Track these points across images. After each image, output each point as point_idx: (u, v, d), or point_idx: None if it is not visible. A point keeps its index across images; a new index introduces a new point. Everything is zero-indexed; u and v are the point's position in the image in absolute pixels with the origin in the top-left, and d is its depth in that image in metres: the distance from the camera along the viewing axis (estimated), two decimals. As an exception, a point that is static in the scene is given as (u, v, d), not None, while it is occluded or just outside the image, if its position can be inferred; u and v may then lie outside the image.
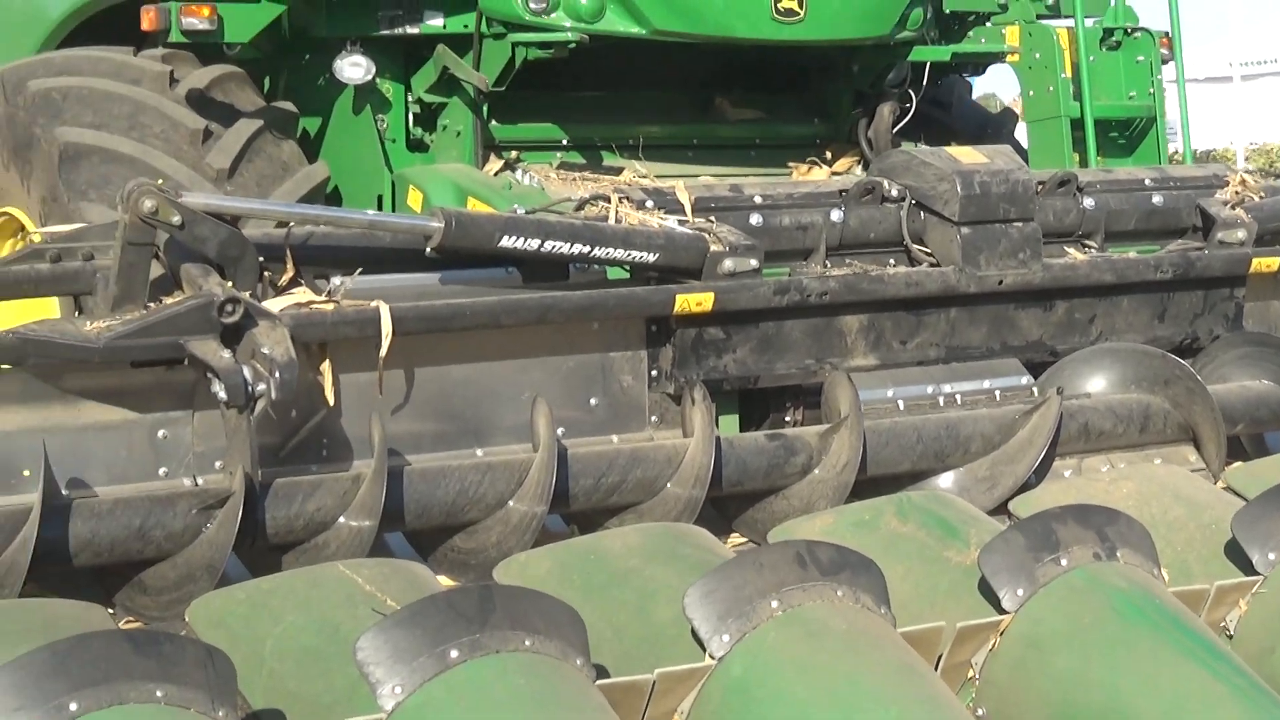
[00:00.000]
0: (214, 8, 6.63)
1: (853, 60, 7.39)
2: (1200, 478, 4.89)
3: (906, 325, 5.03)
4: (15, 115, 6.75)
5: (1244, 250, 5.43)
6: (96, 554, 3.98)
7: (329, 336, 4.26)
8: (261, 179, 6.43)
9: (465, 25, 6.79)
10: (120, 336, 4.05)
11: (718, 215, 4.91)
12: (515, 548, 4.21)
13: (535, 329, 4.62)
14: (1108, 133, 7.67)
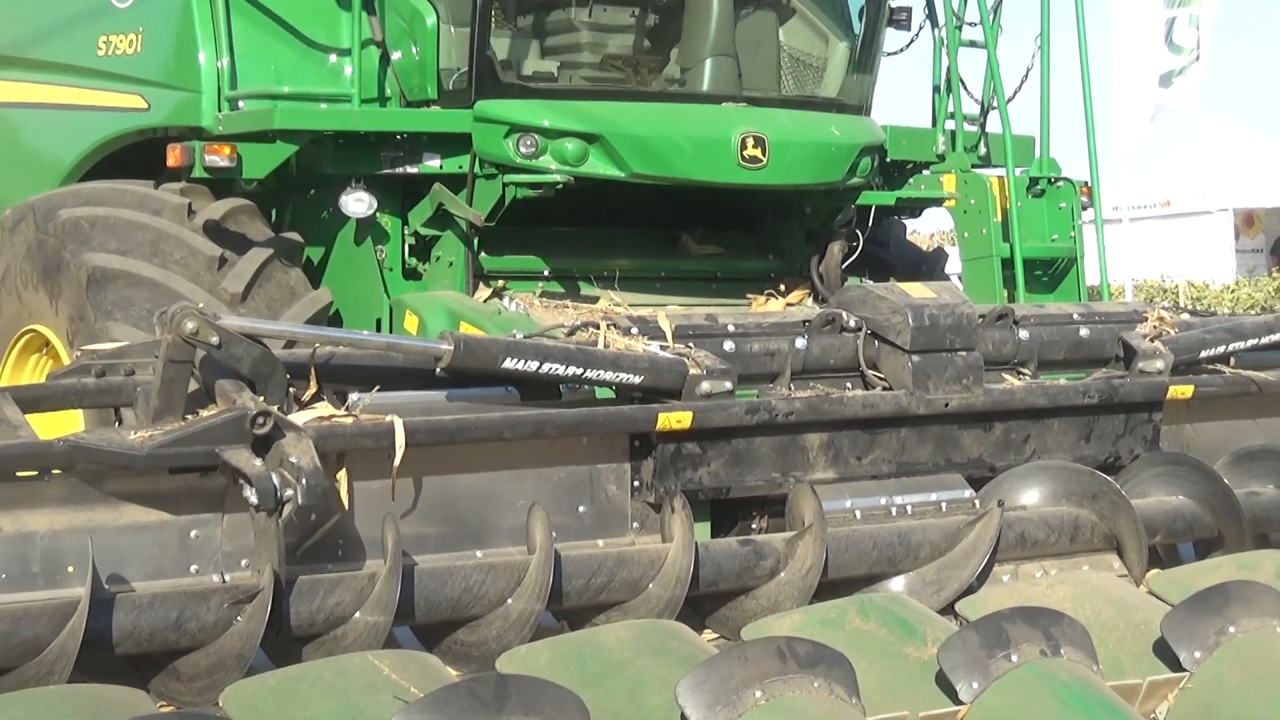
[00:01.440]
0: (234, 147, 6.68)
1: (807, 203, 7.43)
2: (1126, 583, 4.94)
3: (862, 443, 5.06)
4: (45, 241, 6.76)
5: (1161, 379, 5.47)
6: (137, 643, 3.97)
7: (348, 447, 4.28)
8: (271, 303, 6.44)
9: (460, 166, 6.82)
10: (161, 445, 4.06)
11: (695, 341, 4.94)
12: (515, 641, 4.22)
13: (531, 442, 4.63)
14: (1034, 271, 7.70)
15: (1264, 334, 5.82)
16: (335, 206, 6.84)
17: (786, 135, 6.93)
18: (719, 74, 7.11)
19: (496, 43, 6.87)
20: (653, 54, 7.26)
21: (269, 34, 7.00)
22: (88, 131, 7.54)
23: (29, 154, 7.99)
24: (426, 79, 6.95)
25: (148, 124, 7.22)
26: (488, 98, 6.76)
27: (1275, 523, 5.37)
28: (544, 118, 6.69)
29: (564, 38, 7.13)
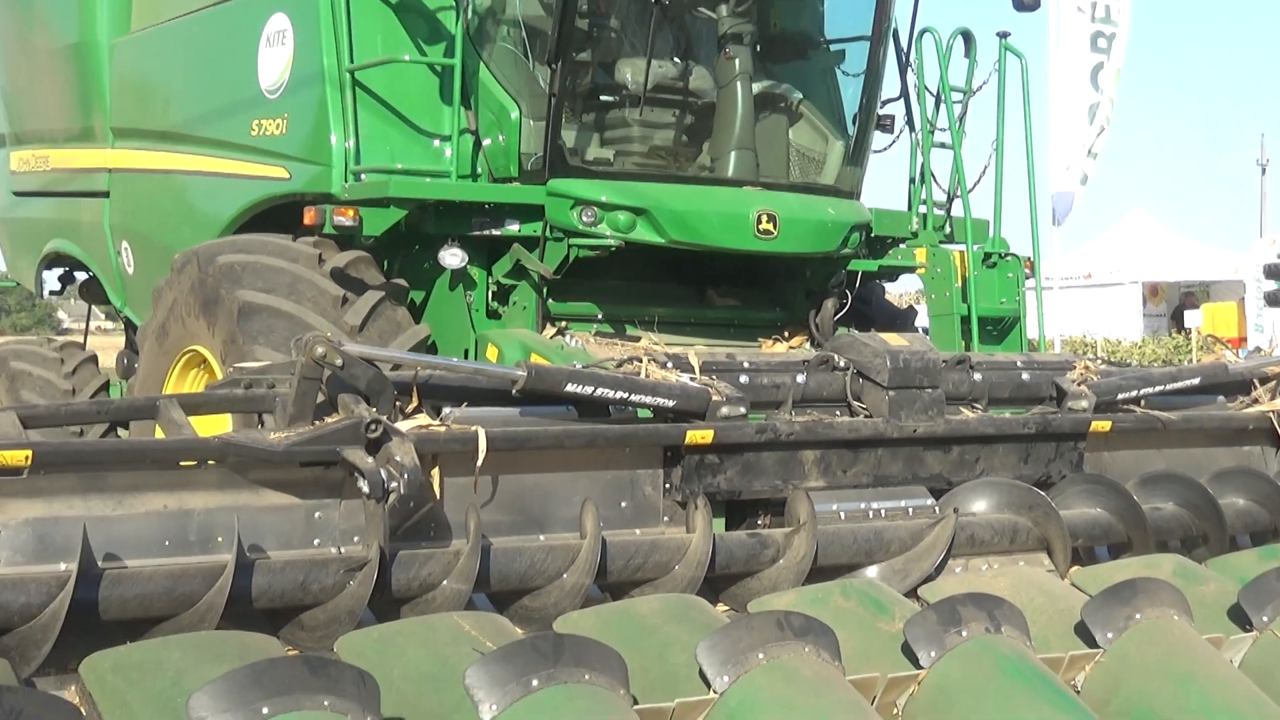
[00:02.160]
0: (356, 210, 6.70)
1: (807, 268, 7.41)
2: (1054, 577, 4.92)
3: (847, 459, 5.04)
4: (206, 280, 6.79)
5: (1085, 415, 5.44)
6: (270, 600, 3.98)
7: (441, 450, 4.29)
8: (382, 334, 6.47)
9: (534, 230, 6.83)
10: (294, 444, 4.09)
11: (717, 374, 4.94)
12: (568, 607, 4.21)
13: (585, 451, 4.64)
14: (986, 326, 7.66)
15: (1167, 382, 5.80)
16: (435, 259, 6.84)
17: (793, 213, 6.92)
18: (741, 163, 7.09)
19: (566, 134, 6.88)
20: (688, 146, 7.27)
21: (386, 122, 7.03)
22: (242, 195, 7.58)
23: (195, 211, 8.02)
24: (510, 160, 6.95)
25: (289, 190, 7.24)
26: (558, 177, 6.77)
27: (1173, 532, 5.34)
28: (602, 194, 6.69)
29: (618, 131, 7.14)
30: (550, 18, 6.83)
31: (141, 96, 8.73)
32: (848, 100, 7.64)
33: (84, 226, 9.34)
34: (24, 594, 3.73)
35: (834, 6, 7.80)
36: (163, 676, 3.47)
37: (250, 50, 7.50)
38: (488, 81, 7.04)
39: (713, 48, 7.24)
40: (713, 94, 7.20)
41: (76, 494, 3.97)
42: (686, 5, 7.07)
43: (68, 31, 9.26)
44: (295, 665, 3.25)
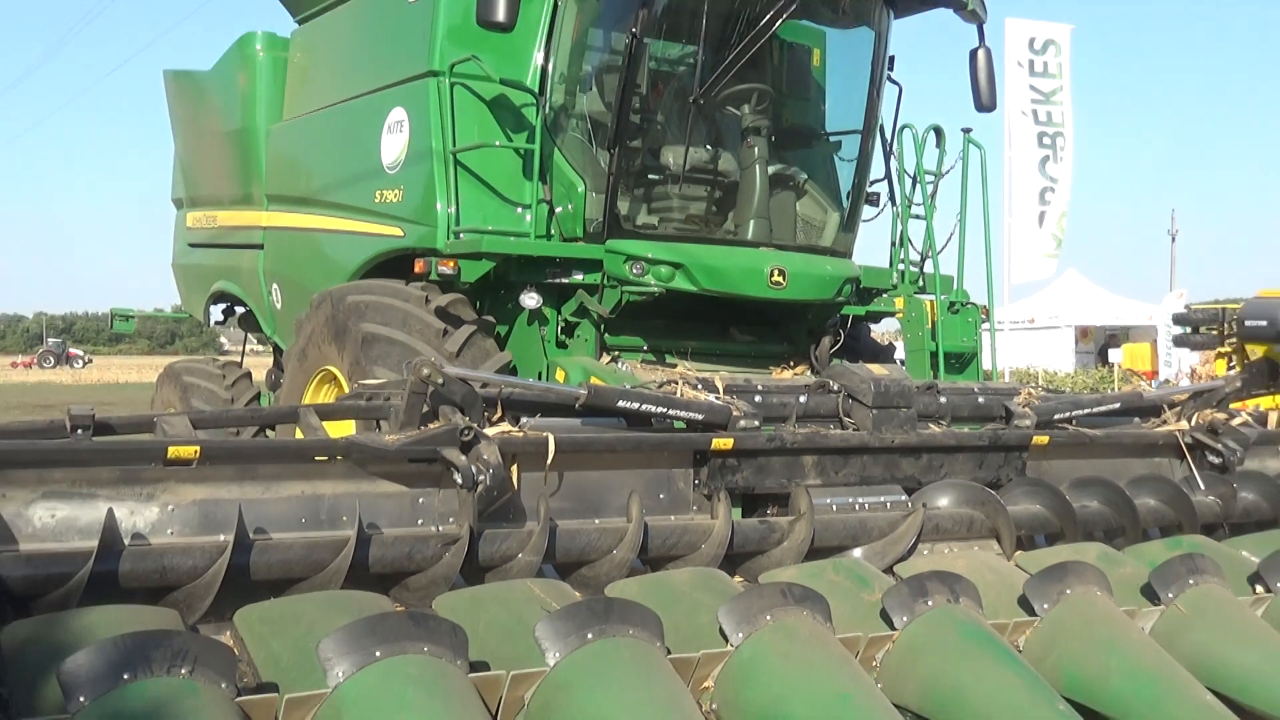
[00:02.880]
0: (456, 262, 6.75)
1: (809, 311, 7.40)
2: (1001, 559, 4.89)
3: (839, 463, 5.01)
4: (337, 315, 6.84)
5: (1028, 431, 5.40)
6: (383, 567, 4.00)
7: (519, 451, 4.29)
8: (474, 359, 6.49)
9: (595, 279, 6.86)
10: (404, 444, 4.11)
11: (737, 394, 4.94)
12: (617, 577, 4.22)
13: (632, 453, 4.64)
14: (950, 360, 7.66)
15: (1093, 406, 5.77)
16: (516, 301, 6.88)
17: (798, 269, 6.91)
18: (758, 229, 7.10)
19: (621, 204, 6.90)
20: (717, 214, 7.26)
21: (480, 193, 7.07)
22: (366, 248, 7.63)
23: (330, 260, 8.07)
24: (576, 224, 6.97)
25: (403, 246, 7.27)
26: (614, 238, 6.79)
27: (1097, 525, 5.30)
28: (648, 252, 6.71)
29: (662, 202, 7.15)
30: (610, 113, 6.86)
31: (290, 170, 8.82)
32: (842, 180, 7.65)
33: (243, 271, 9.43)
34: (191, 559, 3.76)
35: (832, 105, 7.81)
36: (298, 625, 3.49)
37: (375, 135, 7.56)
38: (560, 162, 7.06)
39: (736, 138, 7.24)
40: (736, 174, 7.20)
41: (233, 481, 4.01)
42: (716, 105, 7.07)
43: (234, 119, 9.37)
44: (402, 619, 3.26)
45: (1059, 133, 16.65)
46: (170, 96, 10.70)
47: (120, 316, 12.81)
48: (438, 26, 7.13)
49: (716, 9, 6.81)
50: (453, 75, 6.99)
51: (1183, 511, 5.43)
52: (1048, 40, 16.84)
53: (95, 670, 2.92)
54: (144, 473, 3.88)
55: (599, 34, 7.20)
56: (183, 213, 10.70)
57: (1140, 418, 6.01)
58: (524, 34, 6.92)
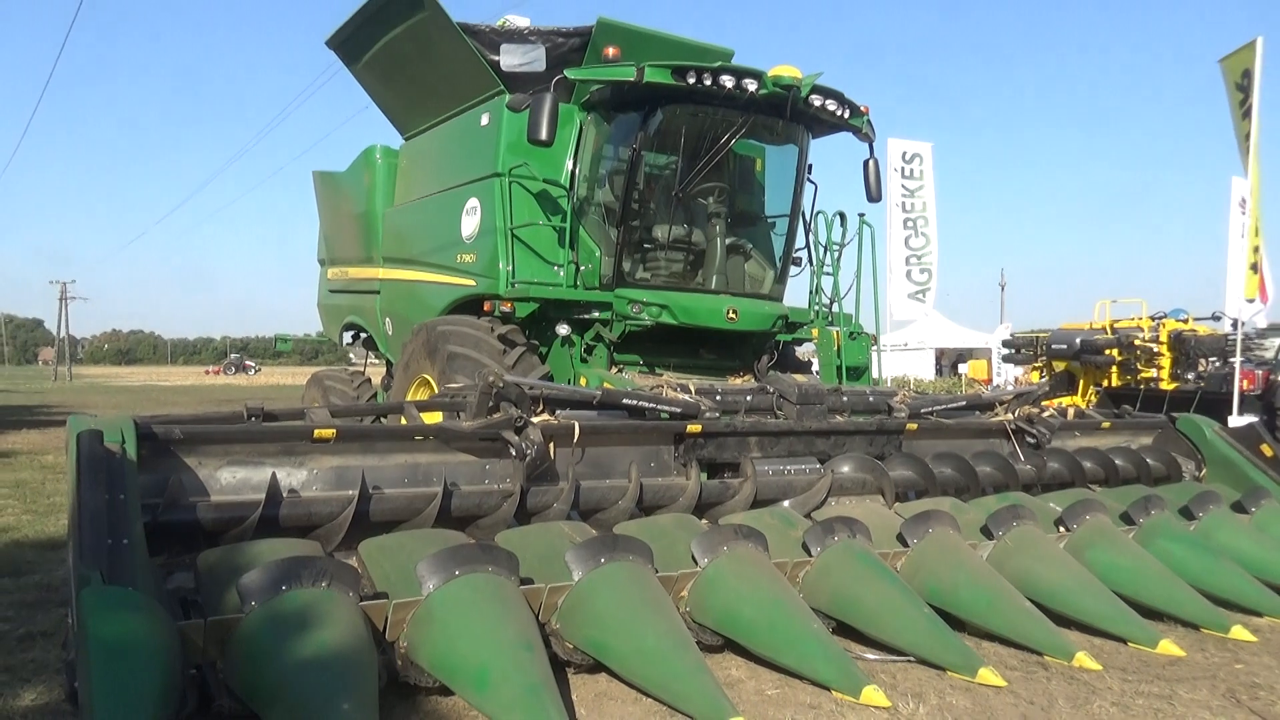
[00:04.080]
0: (512, 303, 6.73)
1: (754, 338, 7.35)
2: (885, 508, 4.90)
3: (773, 442, 5.02)
4: (430, 339, 6.79)
5: (903, 420, 5.42)
6: (462, 512, 4.01)
7: (555, 433, 4.30)
8: (525, 370, 6.41)
9: (607, 316, 6.82)
10: (476, 429, 4.13)
11: (704, 395, 4.95)
12: (621, 519, 4.23)
13: (632, 434, 4.65)
14: (850, 372, 7.59)
15: (948, 403, 5.78)
16: (553, 330, 6.87)
17: (746, 309, 6.89)
18: (719, 281, 7.07)
19: (625, 264, 6.87)
20: (690, 272, 7.22)
21: (529, 256, 7.03)
22: (450, 294, 7.57)
23: (425, 302, 8.01)
24: (595, 277, 6.93)
25: (475, 293, 7.21)
26: (620, 288, 6.77)
27: (950, 485, 5.31)
28: (644, 297, 6.68)
29: (653, 263, 7.11)
30: (618, 202, 6.84)
31: (398, 239, 8.79)
32: (776, 248, 7.60)
33: (366, 309, 9.40)
34: (329, 507, 3.76)
35: (770, 197, 7.79)
36: (402, 553, 3.49)
37: (457, 216, 7.54)
38: (583, 235, 7.03)
39: (704, 219, 7.20)
40: (704, 244, 7.17)
41: (359, 453, 4.01)
42: (691, 196, 7.05)
43: (360, 204, 9.35)
44: (474, 548, 3.26)
45: (921, 217, 16.77)
46: (317, 189, 10.69)
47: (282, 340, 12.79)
48: (501, 142, 7.11)
49: (691, 132, 6.79)
50: (510, 176, 6.98)
51: (1009, 476, 5.45)
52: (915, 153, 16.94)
53: (262, 583, 2.91)
54: (297, 447, 3.89)
55: (610, 147, 7.18)
56: (325, 269, 10.68)
57: (980, 411, 6.01)
58: (559, 147, 6.91)
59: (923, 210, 16.69)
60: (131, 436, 3.42)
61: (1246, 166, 11.45)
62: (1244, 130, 11.27)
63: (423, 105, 8.42)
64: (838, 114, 6.88)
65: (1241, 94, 11.26)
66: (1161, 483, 5.99)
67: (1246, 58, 11.22)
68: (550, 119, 6.27)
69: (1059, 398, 14.57)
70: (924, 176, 16.89)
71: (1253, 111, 11.08)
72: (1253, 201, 11.81)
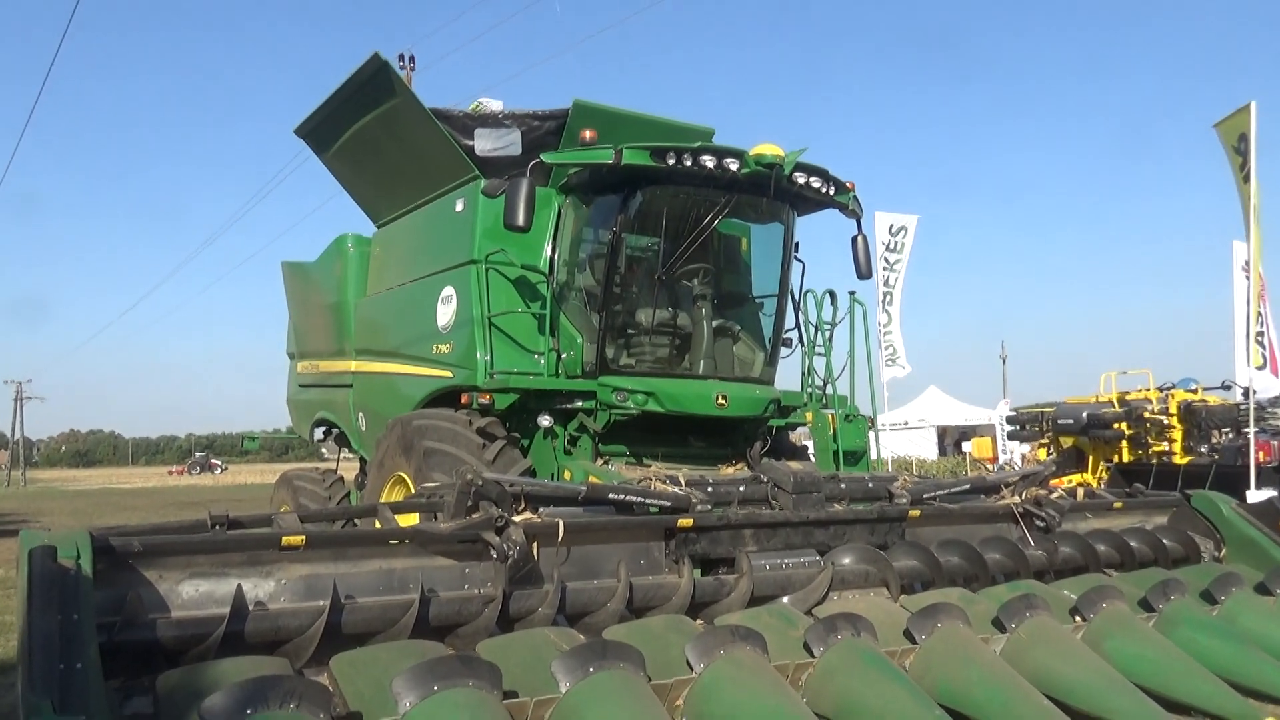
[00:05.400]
0: (491, 395, 6.72)
1: (745, 423, 7.33)
2: (890, 602, 4.83)
3: (769, 534, 4.94)
4: (405, 435, 6.78)
5: (905, 506, 5.37)
6: (440, 621, 3.91)
7: (538, 532, 4.23)
8: (505, 465, 6.40)
9: (590, 405, 6.83)
10: (454, 530, 4.06)
11: (694, 486, 4.90)
12: (610, 624, 4.12)
13: (619, 531, 4.58)
14: (847, 457, 7.61)
15: (951, 487, 5.75)
16: (534, 422, 6.85)
17: (736, 394, 6.90)
18: (706, 366, 7.10)
19: (608, 351, 6.89)
20: (677, 356, 7.25)
21: (508, 345, 7.06)
22: (426, 386, 7.57)
23: (399, 395, 8.02)
24: (577, 365, 6.95)
25: (453, 384, 7.23)
26: (604, 375, 6.79)
27: (958, 575, 5.24)
28: (628, 384, 6.69)
29: (637, 349, 7.14)
30: (599, 286, 6.90)
31: (371, 331, 8.83)
32: (765, 329, 7.66)
33: (338, 404, 9.39)
34: (298, 619, 3.69)
35: (756, 277, 7.88)
36: (376, 667, 3.41)
37: (432, 306, 7.59)
38: (564, 322, 7.08)
39: (689, 301, 7.27)
40: (689, 327, 7.21)
41: (330, 560, 3.95)
42: (675, 279, 7.13)
43: (331, 294, 9.42)
44: (453, 660, 3.19)
45: (891, 292, 17.17)
46: (286, 280, 10.77)
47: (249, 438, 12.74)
48: (476, 228, 7.22)
49: (673, 213, 6.89)
50: (487, 263, 7.05)
51: (1019, 563, 5.40)
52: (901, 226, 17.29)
53: (227, 708, 2.84)
54: (264, 555, 3.83)
55: (590, 231, 7.29)
56: (294, 362, 10.70)
57: (985, 494, 5.98)
58: (537, 232, 6.99)
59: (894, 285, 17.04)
60: (87, 551, 3.37)
61: (1248, 231, 11.68)
62: (1245, 194, 11.52)
63: (396, 192, 8.56)
64: (823, 191, 7.01)
65: (1240, 158, 11.55)
66: (1180, 565, 5.96)
67: (1242, 121, 11.54)
68: (527, 204, 6.37)
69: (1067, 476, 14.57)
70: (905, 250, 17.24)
71: (1251, 176, 11.34)
72: (1255, 267, 12.03)
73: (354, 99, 8.00)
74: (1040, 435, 16.63)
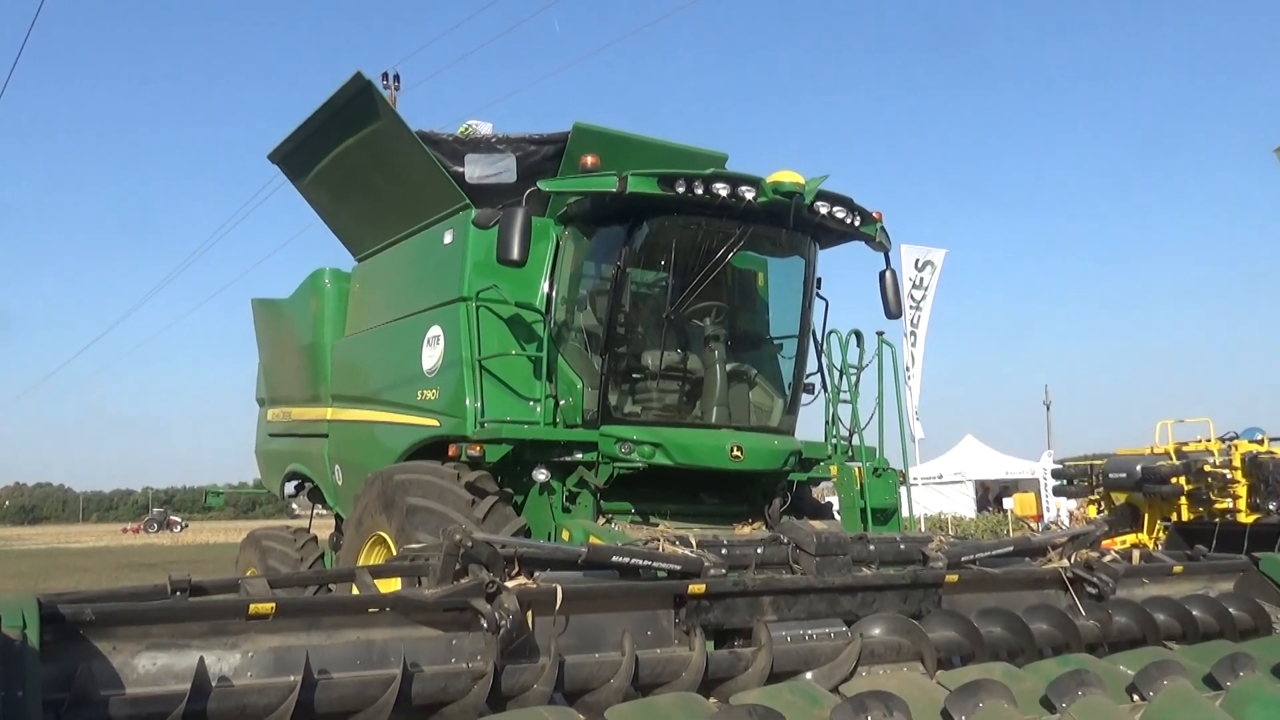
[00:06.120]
0: (482, 446, 6.73)
1: (763, 478, 7.32)
2: (925, 678, 4.77)
3: (790, 601, 4.88)
4: (386, 490, 6.78)
5: (941, 571, 5.31)
6: (424, 699, 3.87)
7: (534, 600, 4.20)
8: (496, 524, 6.40)
9: (592, 457, 6.82)
10: (440, 597, 4.03)
11: (707, 548, 4.86)
12: (614, 702, 4.07)
13: (624, 598, 4.54)
14: (876, 515, 7.52)
15: (993, 549, 5.72)
16: (530, 476, 6.84)
17: (753, 445, 6.89)
18: (719, 414, 7.09)
19: (611, 397, 6.90)
20: (687, 403, 7.26)
21: (500, 391, 7.09)
22: (409, 436, 7.59)
23: (380, 446, 8.03)
24: (577, 413, 6.96)
25: (439, 434, 7.25)
26: (607, 424, 6.79)
27: (1001, 648, 5.19)
28: (634, 435, 6.69)
29: (643, 395, 7.15)
30: (601, 326, 6.93)
31: (350, 375, 8.86)
32: (785, 374, 7.66)
33: (312, 455, 9.39)
34: (266, 697, 3.66)
35: (775, 316, 7.90)
36: (354, 752, 3.38)
37: (417, 347, 7.62)
38: (563, 365, 7.10)
39: (701, 343, 7.28)
40: (701, 371, 7.22)
41: (302, 630, 3.91)
42: (684, 318, 7.14)
43: (307, 335, 9.46)
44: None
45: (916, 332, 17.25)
46: (256, 318, 10.83)
47: (212, 493, 12.75)
48: (466, 262, 7.27)
49: (683, 246, 6.92)
50: (478, 300, 7.10)
51: (1069, 634, 5.34)
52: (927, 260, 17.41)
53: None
54: (230, 625, 3.79)
55: (591, 265, 7.33)
56: (264, 409, 10.72)
57: (1030, 557, 5.94)
58: (533, 267, 7.03)
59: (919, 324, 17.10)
60: (34, 619, 3.35)
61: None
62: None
63: (378, 223, 8.63)
64: (847, 221, 7.06)
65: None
66: (1248, 636, 5.90)
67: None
68: (522, 236, 6.42)
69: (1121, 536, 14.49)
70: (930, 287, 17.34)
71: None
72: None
73: (334, 121, 8.09)
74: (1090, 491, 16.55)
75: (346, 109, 7.89)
